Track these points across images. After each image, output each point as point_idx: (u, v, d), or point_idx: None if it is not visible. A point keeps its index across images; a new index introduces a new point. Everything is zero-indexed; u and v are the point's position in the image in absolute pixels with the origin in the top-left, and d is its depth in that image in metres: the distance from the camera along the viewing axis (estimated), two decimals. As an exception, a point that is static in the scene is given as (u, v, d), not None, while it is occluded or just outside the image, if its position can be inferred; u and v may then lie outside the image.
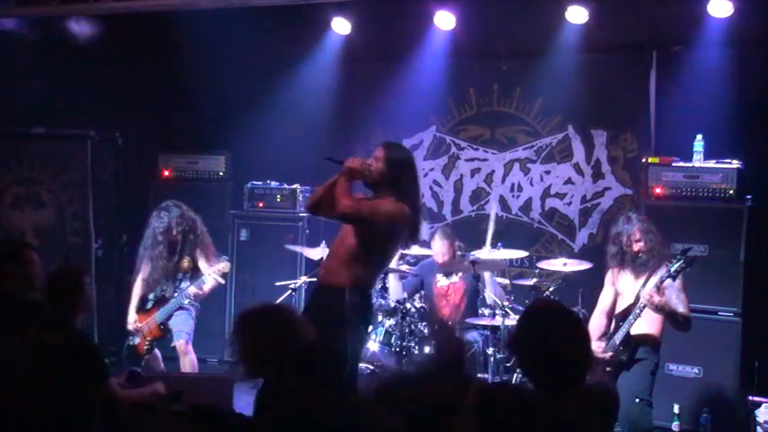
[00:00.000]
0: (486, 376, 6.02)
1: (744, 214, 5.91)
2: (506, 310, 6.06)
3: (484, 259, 6.24)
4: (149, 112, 7.90)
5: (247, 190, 7.68)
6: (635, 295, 4.90)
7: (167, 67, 7.81)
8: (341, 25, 7.28)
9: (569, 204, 7.19)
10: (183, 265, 6.03)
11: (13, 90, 6.90)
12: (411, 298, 6.31)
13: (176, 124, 8.06)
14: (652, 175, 6.21)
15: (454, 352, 2.98)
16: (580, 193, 7.15)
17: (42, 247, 7.33)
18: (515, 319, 6.15)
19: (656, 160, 6.23)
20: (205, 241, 6.10)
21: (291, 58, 7.63)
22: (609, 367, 4.86)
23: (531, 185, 7.33)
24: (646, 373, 4.84)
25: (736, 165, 5.98)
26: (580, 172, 7.15)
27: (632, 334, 4.81)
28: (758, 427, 5.45)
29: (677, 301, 4.85)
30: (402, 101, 7.49)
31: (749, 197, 5.99)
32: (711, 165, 6.05)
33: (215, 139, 7.85)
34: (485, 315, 6.13)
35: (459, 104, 7.58)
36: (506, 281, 6.62)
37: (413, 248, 6.40)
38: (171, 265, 6.02)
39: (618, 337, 4.85)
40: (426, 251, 6.62)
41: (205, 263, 6.01)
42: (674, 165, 6.15)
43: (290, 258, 7.24)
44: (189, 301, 5.96)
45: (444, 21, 6.91)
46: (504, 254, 6.49)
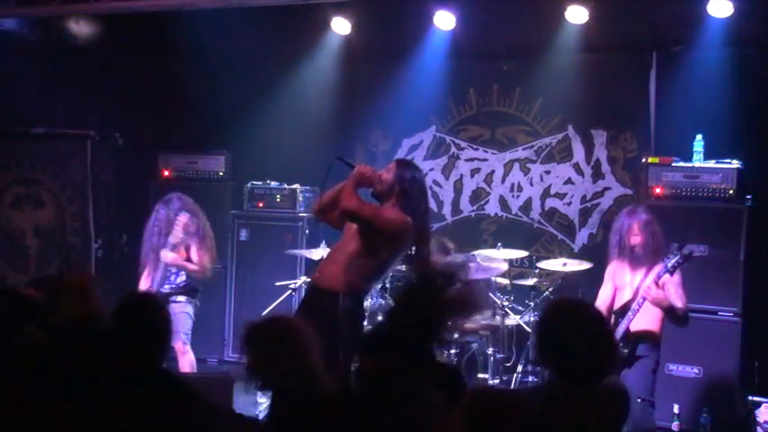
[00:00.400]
0: (486, 376, 6.02)
1: (744, 214, 5.91)
2: (506, 310, 6.06)
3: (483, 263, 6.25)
4: (149, 112, 7.89)
5: (247, 190, 7.69)
6: (633, 290, 4.91)
7: (167, 67, 7.81)
8: (341, 25, 7.28)
9: (569, 204, 7.19)
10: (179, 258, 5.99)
11: (13, 90, 6.89)
12: None
13: (176, 124, 8.05)
14: (652, 175, 6.20)
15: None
16: (580, 193, 7.15)
17: (42, 247, 7.39)
18: (515, 319, 6.17)
19: (656, 160, 6.22)
20: (205, 239, 6.07)
21: (291, 58, 7.63)
22: None
23: (531, 185, 7.33)
24: (647, 372, 4.83)
25: (736, 165, 5.98)
26: (580, 172, 7.14)
27: (632, 330, 4.81)
28: (758, 428, 5.46)
29: (675, 296, 4.86)
30: (402, 101, 7.48)
31: (749, 197, 5.99)
32: (711, 165, 6.04)
33: (215, 139, 7.85)
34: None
35: (459, 104, 7.57)
36: (506, 281, 6.62)
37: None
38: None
39: (618, 333, 4.84)
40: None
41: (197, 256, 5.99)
42: (673, 165, 6.14)
43: (290, 258, 7.24)
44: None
45: (444, 21, 6.91)
46: (504, 254, 6.50)
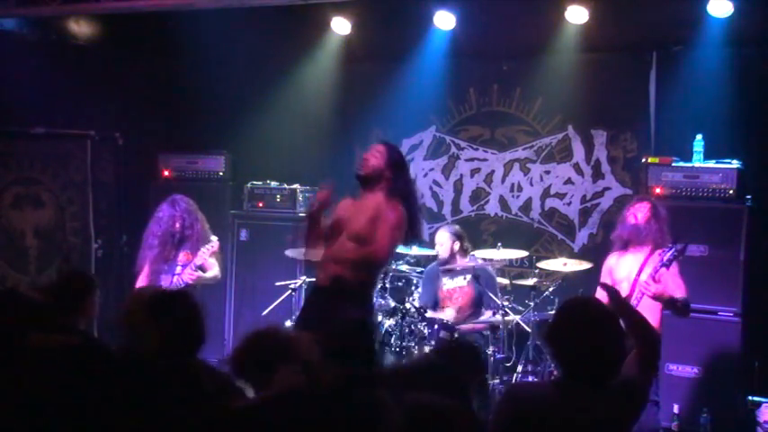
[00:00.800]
0: (486, 376, 6.02)
1: (744, 214, 5.90)
2: (506, 309, 6.06)
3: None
4: (149, 111, 7.88)
5: (247, 190, 7.68)
6: (630, 285, 4.91)
7: (167, 67, 7.81)
8: (341, 25, 7.27)
9: (569, 204, 7.18)
10: (180, 259, 6.00)
11: (13, 90, 6.89)
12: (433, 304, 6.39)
13: (176, 124, 8.05)
14: (652, 175, 6.20)
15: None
16: (580, 194, 7.14)
17: (42, 247, 7.39)
18: (515, 319, 6.17)
19: (656, 160, 6.22)
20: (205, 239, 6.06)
21: (291, 58, 7.63)
22: None
23: (531, 185, 7.32)
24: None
25: (736, 165, 5.98)
26: (580, 172, 7.14)
27: (630, 325, 4.81)
28: (758, 428, 5.46)
29: (674, 286, 4.87)
30: (402, 101, 7.48)
31: (749, 197, 5.99)
32: (711, 165, 6.04)
33: (215, 139, 7.85)
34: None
35: (459, 104, 7.57)
36: (506, 281, 6.62)
37: (413, 249, 6.41)
38: (170, 259, 5.98)
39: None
40: (425, 251, 6.63)
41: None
42: (673, 165, 6.14)
43: (290, 258, 7.23)
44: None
45: (444, 21, 6.91)
46: (504, 254, 6.50)
